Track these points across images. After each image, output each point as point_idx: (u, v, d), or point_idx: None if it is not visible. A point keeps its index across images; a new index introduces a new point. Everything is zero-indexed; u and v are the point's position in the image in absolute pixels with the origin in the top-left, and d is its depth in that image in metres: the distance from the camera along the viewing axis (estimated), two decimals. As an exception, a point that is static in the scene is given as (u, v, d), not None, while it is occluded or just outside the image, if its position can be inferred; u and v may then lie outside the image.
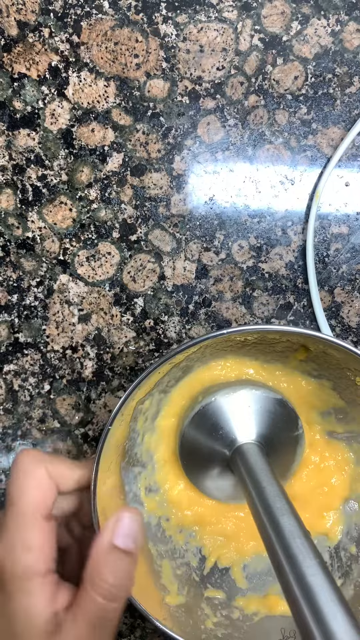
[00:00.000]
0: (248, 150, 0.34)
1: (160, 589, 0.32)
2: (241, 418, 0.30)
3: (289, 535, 0.22)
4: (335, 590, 0.20)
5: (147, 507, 0.34)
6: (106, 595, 0.23)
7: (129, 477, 0.33)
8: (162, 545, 0.34)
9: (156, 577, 0.32)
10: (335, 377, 0.31)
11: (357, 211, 0.35)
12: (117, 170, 0.35)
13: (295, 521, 0.23)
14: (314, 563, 0.21)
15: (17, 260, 0.36)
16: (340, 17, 0.33)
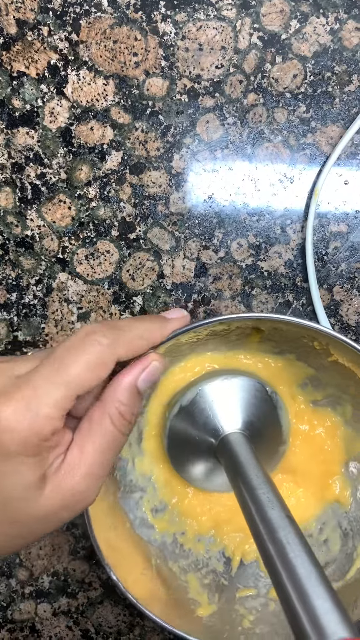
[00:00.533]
0: (247, 148, 0.34)
1: (190, 603, 0.32)
2: (223, 408, 0.30)
3: (276, 526, 0.23)
4: (324, 581, 0.20)
5: (158, 528, 0.34)
6: (122, 428, 0.24)
7: (130, 504, 0.33)
8: (183, 560, 0.34)
9: (183, 593, 0.32)
10: (295, 349, 0.31)
11: (356, 209, 0.35)
12: (116, 169, 0.35)
13: (281, 511, 0.23)
14: (302, 552, 0.21)
15: (16, 258, 0.36)
16: (339, 16, 0.33)
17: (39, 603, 0.40)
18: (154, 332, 0.26)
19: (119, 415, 0.24)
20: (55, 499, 0.23)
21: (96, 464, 0.24)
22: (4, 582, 0.40)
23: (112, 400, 0.24)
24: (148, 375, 0.25)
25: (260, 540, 0.23)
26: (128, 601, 0.28)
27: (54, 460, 0.23)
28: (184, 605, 0.31)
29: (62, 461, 0.23)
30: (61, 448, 0.24)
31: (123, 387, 0.24)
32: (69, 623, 0.41)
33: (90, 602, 0.40)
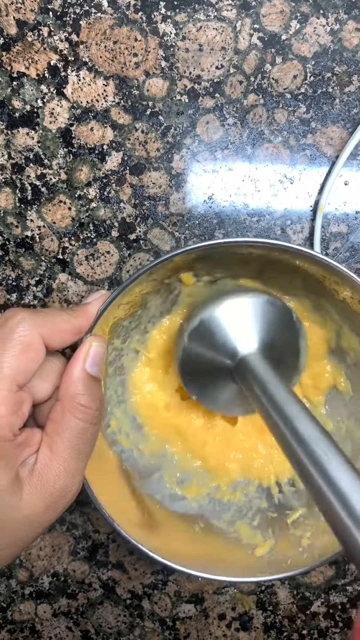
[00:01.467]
0: (247, 149, 0.34)
1: (246, 548, 0.32)
2: (244, 327, 0.29)
3: (310, 440, 0.22)
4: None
5: (190, 495, 0.34)
6: (86, 418, 0.24)
7: (153, 487, 0.33)
8: (227, 514, 0.34)
9: (236, 542, 0.32)
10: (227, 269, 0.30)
11: (356, 210, 0.35)
12: (116, 169, 0.35)
13: (313, 423, 0.22)
14: (342, 462, 0.20)
15: (16, 259, 0.36)
16: (339, 16, 0.33)
17: (39, 604, 0.40)
18: (77, 317, 0.25)
19: (79, 406, 0.24)
20: (35, 501, 0.23)
21: (70, 459, 0.24)
22: (4, 582, 0.40)
23: (68, 394, 0.24)
24: (94, 358, 0.25)
25: (295, 456, 0.22)
26: (188, 575, 0.28)
27: (26, 461, 0.23)
28: (242, 553, 0.31)
29: (34, 462, 0.23)
30: (31, 448, 0.23)
31: (75, 378, 0.24)
32: (69, 624, 0.41)
33: (90, 603, 0.40)
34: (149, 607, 0.40)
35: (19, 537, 0.23)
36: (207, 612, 0.40)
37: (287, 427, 0.23)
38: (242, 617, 0.41)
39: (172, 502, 0.33)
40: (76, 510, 0.39)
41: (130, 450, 0.33)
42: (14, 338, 0.23)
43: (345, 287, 0.28)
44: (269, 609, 0.41)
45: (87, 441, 0.24)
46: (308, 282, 0.30)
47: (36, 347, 0.23)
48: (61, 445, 0.23)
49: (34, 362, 0.23)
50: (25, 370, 0.23)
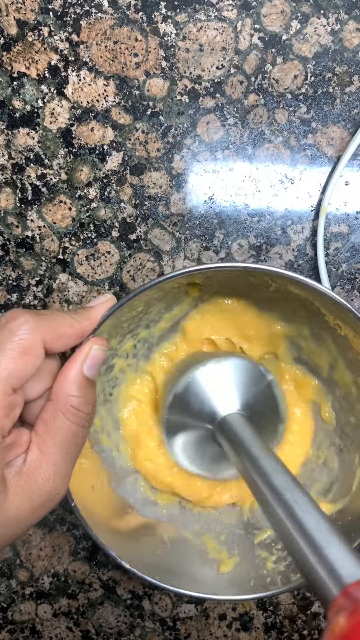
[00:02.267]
0: (248, 149, 0.34)
1: (211, 563, 0.32)
2: (218, 391, 0.30)
3: (282, 490, 0.22)
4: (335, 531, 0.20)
5: (162, 501, 0.34)
6: (78, 421, 0.24)
7: (127, 490, 0.33)
8: (196, 525, 0.34)
9: (203, 555, 0.32)
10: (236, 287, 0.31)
11: (357, 210, 0.35)
12: (116, 169, 0.35)
13: (286, 476, 0.23)
14: (310, 509, 0.21)
15: (17, 259, 0.36)
16: (340, 16, 0.33)
17: (39, 604, 0.40)
18: (81, 320, 0.25)
19: (72, 409, 0.24)
20: (21, 502, 0.22)
21: (60, 462, 0.23)
22: (4, 583, 0.40)
23: (62, 395, 0.24)
24: (92, 360, 0.24)
25: (267, 507, 0.22)
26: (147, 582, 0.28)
27: (13, 462, 0.23)
28: (206, 568, 0.31)
29: (22, 463, 0.23)
30: (19, 449, 0.23)
31: (70, 380, 0.24)
32: (70, 624, 0.41)
33: (90, 603, 0.40)
34: (149, 607, 0.40)
35: (4, 535, 0.23)
36: (207, 612, 0.40)
37: (262, 479, 0.24)
38: (243, 617, 0.41)
39: (144, 507, 0.33)
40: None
41: (109, 450, 0.33)
42: (14, 340, 0.22)
43: (349, 326, 0.28)
44: (270, 610, 0.41)
45: (77, 444, 0.24)
46: (312, 313, 0.30)
47: (35, 351, 0.23)
48: (52, 447, 0.23)
49: (31, 367, 0.23)
50: (22, 374, 0.22)
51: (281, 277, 0.27)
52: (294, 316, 0.32)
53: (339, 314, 0.28)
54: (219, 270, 0.27)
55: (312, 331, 0.32)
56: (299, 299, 0.30)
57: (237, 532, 0.34)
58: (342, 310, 0.27)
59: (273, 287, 0.30)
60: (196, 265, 0.26)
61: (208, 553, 0.32)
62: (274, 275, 0.27)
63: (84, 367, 0.24)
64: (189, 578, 0.30)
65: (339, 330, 0.30)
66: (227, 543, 0.33)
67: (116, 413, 0.34)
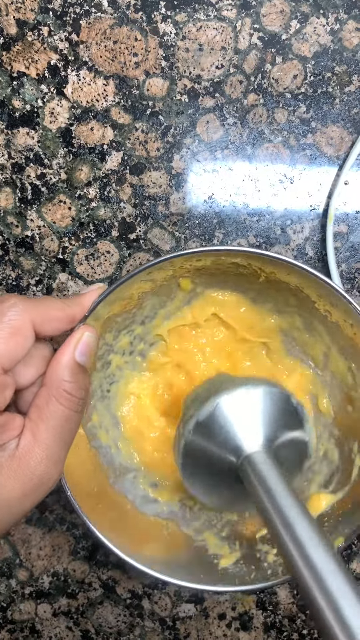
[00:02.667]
0: (247, 149, 0.34)
1: (212, 559, 0.32)
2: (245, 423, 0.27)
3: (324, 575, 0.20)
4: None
5: (162, 499, 0.34)
6: (71, 406, 0.24)
7: (126, 486, 0.33)
8: (196, 522, 0.34)
9: (202, 551, 0.32)
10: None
11: (357, 210, 0.35)
12: (116, 169, 0.35)
13: (326, 551, 0.21)
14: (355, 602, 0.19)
15: (16, 258, 0.36)
16: (339, 16, 0.33)
17: (39, 603, 0.40)
18: (71, 305, 0.25)
19: (66, 394, 0.24)
20: (13, 486, 0.22)
21: (53, 447, 0.23)
22: (4, 582, 0.40)
23: (55, 380, 0.24)
24: (84, 346, 0.25)
25: (305, 588, 0.20)
26: (149, 577, 0.28)
27: (6, 445, 0.23)
28: (207, 563, 0.31)
29: (15, 447, 0.23)
30: (11, 432, 0.23)
31: (63, 365, 0.24)
32: (69, 623, 0.41)
33: (90, 603, 0.40)
34: (149, 606, 0.40)
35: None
36: (207, 611, 0.40)
37: (299, 553, 0.21)
38: (242, 617, 0.41)
39: (143, 504, 0.33)
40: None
41: (108, 446, 0.33)
42: (4, 321, 0.22)
43: (339, 309, 0.28)
44: (269, 609, 0.41)
45: (71, 429, 0.24)
46: (303, 302, 0.31)
47: (25, 332, 0.23)
48: (44, 432, 0.23)
49: (21, 348, 0.23)
50: (12, 355, 0.22)
51: (268, 260, 0.27)
52: (285, 306, 0.32)
53: (329, 298, 0.28)
54: (209, 257, 0.27)
55: (304, 321, 0.32)
56: (289, 288, 0.30)
57: (239, 529, 0.33)
58: (330, 292, 0.27)
59: (263, 277, 0.30)
60: (184, 250, 0.26)
61: (208, 549, 0.32)
62: (263, 260, 0.27)
63: (76, 352, 0.24)
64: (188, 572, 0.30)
65: (330, 316, 0.30)
66: (229, 539, 0.33)
67: (114, 410, 0.34)
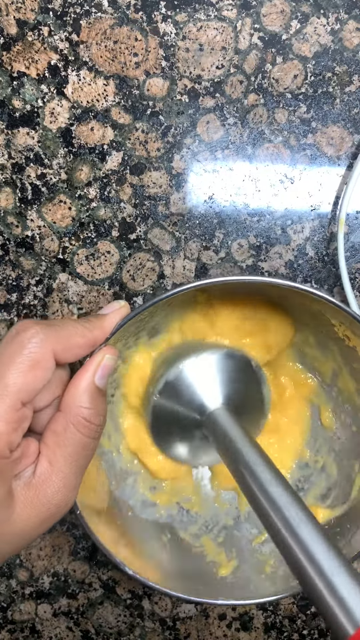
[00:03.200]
0: (247, 149, 0.34)
1: (211, 567, 0.32)
2: (208, 383, 0.30)
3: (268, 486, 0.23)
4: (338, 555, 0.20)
5: (160, 502, 0.34)
6: (89, 434, 0.23)
7: (126, 492, 0.33)
8: (194, 526, 0.34)
9: (201, 559, 0.32)
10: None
11: (357, 210, 0.35)
12: (116, 169, 0.35)
13: (274, 474, 0.24)
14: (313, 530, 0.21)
15: (17, 259, 0.36)
16: (339, 16, 0.33)
17: (39, 604, 0.40)
18: (93, 330, 0.24)
19: (84, 421, 0.23)
20: (29, 515, 0.22)
21: (70, 474, 0.23)
22: (4, 582, 0.40)
23: (73, 407, 0.23)
24: (104, 370, 0.24)
25: (267, 519, 0.22)
26: (148, 588, 0.28)
27: (22, 474, 0.22)
28: (206, 572, 0.31)
29: (31, 475, 0.22)
30: (27, 460, 0.22)
31: (81, 390, 0.23)
32: (69, 624, 0.41)
33: (90, 603, 0.40)
34: (149, 607, 0.40)
35: (8, 550, 0.22)
36: (207, 612, 0.40)
37: (252, 480, 0.24)
38: (243, 617, 0.41)
39: (143, 509, 0.33)
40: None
41: (110, 452, 0.33)
42: (24, 354, 0.21)
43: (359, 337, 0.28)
44: (270, 609, 0.41)
45: (87, 456, 0.24)
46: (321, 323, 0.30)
47: (45, 364, 0.22)
48: (61, 460, 0.23)
49: (41, 380, 0.22)
50: (31, 387, 0.21)
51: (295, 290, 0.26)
52: (300, 324, 0.32)
53: (351, 327, 0.28)
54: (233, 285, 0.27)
55: (317, 339, 0.32)
56: (310, 312, 0.29)
57: (234, 534, 0.34)
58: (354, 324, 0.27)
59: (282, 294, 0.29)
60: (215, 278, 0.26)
61: (206, 556, 0.32)
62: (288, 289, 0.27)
63: (96, 377, 0.24)
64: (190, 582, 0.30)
65: (348, 341, 0.30)
66: (225, 545, 0.33)
67: (117, 416, 0.34)
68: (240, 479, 0.25)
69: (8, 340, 0.22)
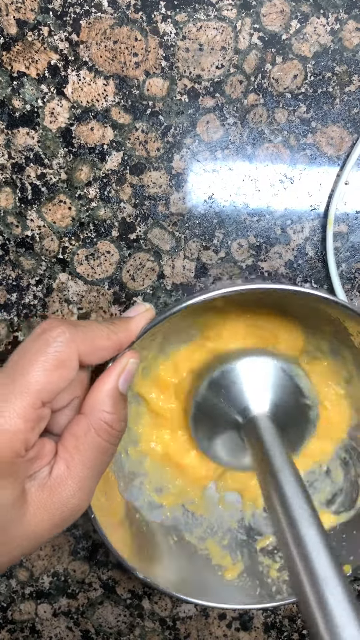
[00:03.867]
0: (247, 148, 0.34)
1: (216, 570, 0.32)
2: (253, 386, 0.29)
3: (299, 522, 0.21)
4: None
5: (166, 503, 0.34)
6: (110, 439, 0.23)
7: (134, 494, 0.33)
8: (199, 529, 0.34)
9: (207, 562, 0.32)
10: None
11: (357, 210, 0.35)
12: (116, 169, 0.35)
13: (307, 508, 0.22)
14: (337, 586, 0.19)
15: (17, 259, 0.36)
16: (339, 16, 0.33)
17: (39, 604, 0.40)
18: (118, 332, 0.24)
19: (106, 426, 0.23)
20: (42, 517, 0.21)
21: (86, 479, 0.22)
22: (4, 582, 0.40)
23: (95, 411, 0.23)
24: (127, 375, 0.24)
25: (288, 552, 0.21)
26: (163, 593, 0.28)
27: (36, 475, 0.22)
28: (212, 576, 0.31)
29: (47, 476, 0.22)
30: (42, 461, 0.22)
31: (104, 394, 0.23)
32: (69, 624, 0.41)
33: (90, 603, 0.40)
34: (149, 606, 0.40)
35: (20, 552, 0.22)
36: (207, 611, 0.40)
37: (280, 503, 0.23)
38: (243, 617, 0.41)
39: (150, 511, 0.33)
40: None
41: (119, 453, 0.33)
42: (49, 352, 0.21)
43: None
44: (270, 609, 0.41)
45: (105, 462, 0.23)
46: (339, 331, 0.30)
47: (70, 364, 0.21)
48: (79, 464, 0.22)
49: (64, 380, 0.21)
50: (54, 387, 0.21)
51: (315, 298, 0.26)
52: (316, 331, 0.32)
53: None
54: (252, 294, 0.27)
55: (331, 347, 0.32)
56: (329, 319, 0.29)
57: (239, 537, 0.34)
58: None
59: (302, 302, 0.29)
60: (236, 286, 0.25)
61: (212, 559, 0.32)
62: (305, 297, 0.26)
63: (120, 381, 0.23)
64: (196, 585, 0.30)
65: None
66: (230, 548, 0.33)
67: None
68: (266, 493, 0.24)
69: (34, 337, 0.22)
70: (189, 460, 0.34)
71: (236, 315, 0.32)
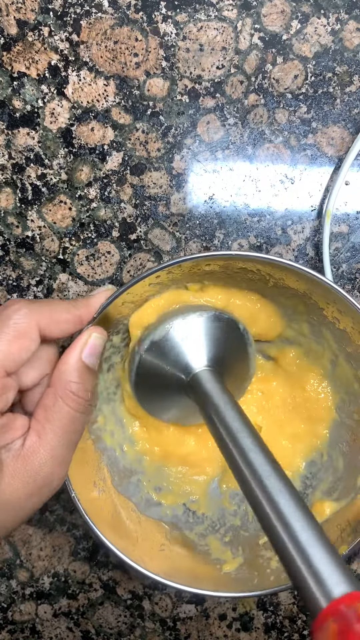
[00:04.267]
0: (248, 149, 0.34)
1: (215, 563, 0.32)
2: (195, 344, 0.30)
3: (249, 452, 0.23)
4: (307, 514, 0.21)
5: (166, 502, 0.34)
6: (77, 407, 0.24)
7: (130, 490, 0.33)
8: (199, 526, 0.34)
9: (206, 556, 0.32)
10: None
11: (357, 210, 0.35)
12: (116, 169, 0.35)
13: (255, 442, 0.24)
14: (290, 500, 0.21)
15: (17, 259, 0.35)
16: (340, 16, 0.33)
17: (39, 604, 0.40)
18: (79, 307, 0.25)
19: (72, 395, 0.24)
20: (17, 485, 0.23)
21: (59, 447, 0.24)
22: (4, 583, 0.40)
23: (61, 381, 0.24)
24: (91, 348, 0.25)
25: (246, 486, 0.23)
26: (150, 578, 0.28)
27: (10, 446, 0.23)
28: (209, 567, 0.31)
29: (20, 447, 0.23)
30: (14, 432, 0.23)
31: (70, 366, 0.24)
32: (70, 624, 0.41)
33: (90, 603, 0.40)
34: (149, 607, 0.40)
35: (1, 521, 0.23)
36: (207, 612, 0.40)
37: (231, 443, 0.24)
38: (243, 617, 0.41)
39: (147, 508, 0.33)
40: (77, 511, 0.39)
41: (112, 449, 0.33)
42: (9, 325, 0.23)
43: (347, 316, 0.29)
44: (270, 610, 0.41)
45: (76, 431, 0.25)
46: (311, 309, 0.30)
47: (30, 335, 0.23)
48: (50, 433, 0.23)
49: (26, 351, 0.23)
50: (16, 357, 0.23)
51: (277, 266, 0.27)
52: (293, 313, 0.32)
53: (336, 305, 0.28)
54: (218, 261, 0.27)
55: (312, 328, 0.32)
56: (298, 295, 0.30)
57: (242, 534, 0.34)
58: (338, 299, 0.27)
59: (271, 283, 0.30)
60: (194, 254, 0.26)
61: (211, 554, 0.32)
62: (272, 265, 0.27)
63: (83, 354, 0.25)
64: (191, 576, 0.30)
65: (337, 323, 0.30)
66: (232, 544, 0.33)
67: (120, 413, 0.34)
68: (220, 442, 0.25)
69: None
70: (186, 449, 0.34)
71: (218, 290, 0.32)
